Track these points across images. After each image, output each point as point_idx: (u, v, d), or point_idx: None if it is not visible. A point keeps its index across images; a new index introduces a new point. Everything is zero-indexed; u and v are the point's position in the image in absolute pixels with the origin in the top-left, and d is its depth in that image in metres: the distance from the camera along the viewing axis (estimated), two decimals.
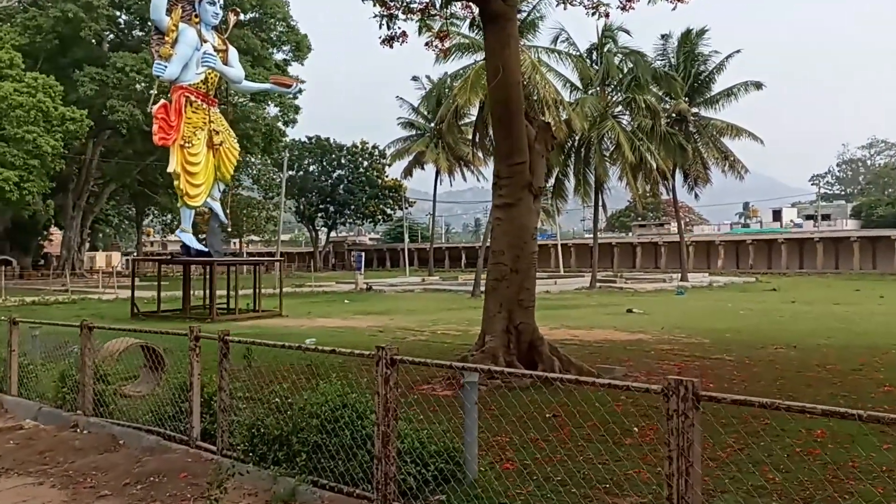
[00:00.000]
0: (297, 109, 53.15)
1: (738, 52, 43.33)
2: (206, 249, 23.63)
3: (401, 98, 59.32)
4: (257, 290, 24.63)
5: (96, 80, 39.59)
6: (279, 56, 50.16)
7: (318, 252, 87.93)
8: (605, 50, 37.32)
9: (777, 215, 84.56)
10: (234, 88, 25.81)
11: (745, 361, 12.48)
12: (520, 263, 10.25)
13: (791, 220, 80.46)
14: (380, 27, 14.53)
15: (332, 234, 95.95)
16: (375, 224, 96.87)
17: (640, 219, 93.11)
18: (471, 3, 12.87)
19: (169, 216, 69.39)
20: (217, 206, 24.15)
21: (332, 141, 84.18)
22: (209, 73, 22.77)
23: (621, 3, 13.81)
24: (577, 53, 36.08)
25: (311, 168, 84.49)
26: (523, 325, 10.20)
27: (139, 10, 42.10)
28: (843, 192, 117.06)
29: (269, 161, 62.74)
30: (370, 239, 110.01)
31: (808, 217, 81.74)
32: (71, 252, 51.52)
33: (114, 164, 49.40)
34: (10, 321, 9.78)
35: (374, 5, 14.26)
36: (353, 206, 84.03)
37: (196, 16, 22.59)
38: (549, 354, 10.13)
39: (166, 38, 21.45)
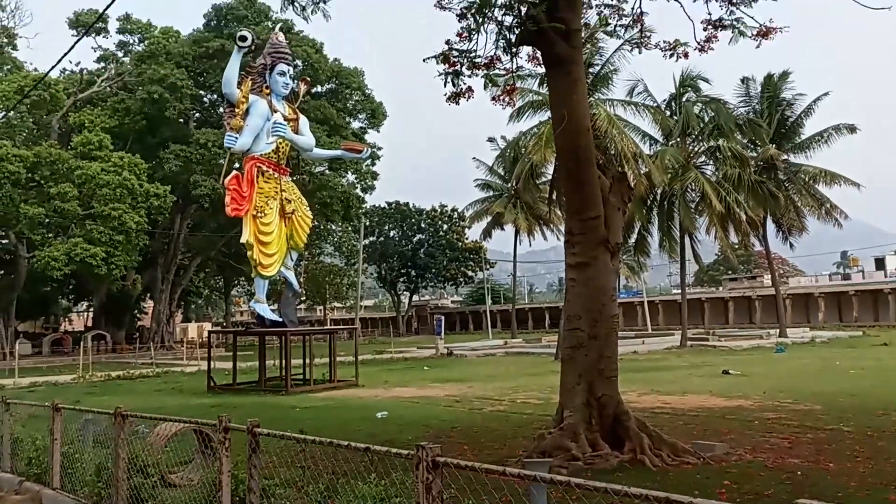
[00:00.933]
0: (374, 176, 53.65)
1: (826, 94, 41.28)
2: (281, 319, 23.29)
3: (477, 159, 59.30)
4: (333, 360, 24.04)
5: (181, 157, 40.87)
6: (356, 124, 50.92)
7: (400, 317, 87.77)
8: (684, 99, 36.14)
9: (880, 263, 79.50)
10: (305, 157, 25.83)
11: (867, 433, 10.90)
12: (598, 329, 9.21)
13: None
14: (444, 84, 14.04)
15: (415, 298, 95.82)
16: (457, 287, 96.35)
17: (730, 272, 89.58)
18: (535, 49, 12.16)
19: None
20: (291, 276, 23.90)
21: (411, 205, 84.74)
22: (280, 143, 22.79)
23: (699, 43, 12.86)
24: (655, 104, 35.02)
25: (391, 233, 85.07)
26: (606, 398, 9.09)
27: (221, 89, 43.55)
28: None
29: (349, 228, 63.30)
30: (452, 302, 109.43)
31: None
32: (160, 324, 52.69)
33: (200, 237, 50.64)
34: (52, 407, 9.27)
35: (438, 63, 13.80)
36: (434, 270, 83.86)
37: (267, 87, 22.77)
38: (636, 430, 8.96)
39: (237, 110, 21.61)
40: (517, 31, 12.58)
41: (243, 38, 21.52)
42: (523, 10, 12.70)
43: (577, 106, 9.04)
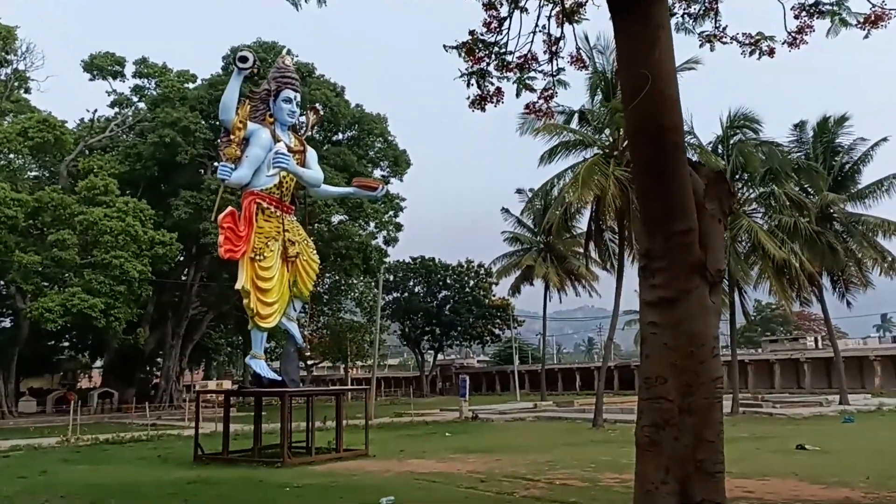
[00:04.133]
0: (398, 227, 50.99)
1: (885, 139, 38.15)
2: (281, 378, 20.26)
3: (506, 210, 56.50)
4: (339, 427, 20.88)
5: (191, 204, 38.59)
6: (378, 173, 48.52)
7: (424, 376, 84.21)
8: (732, 142, 33.22)
9: None
10: (312, 193, 23.09)
11: None
12: (695, 398, 6.13)
13: None
14: (468, 86, 11.28)
15: (440, 356, 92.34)
16: (483, 345, 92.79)
17: (768, 333, 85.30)
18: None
19: (273, 343, 67.76)
20: (293, 328, 20.94)
21: (437, 261, 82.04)
22: (284, 177, 20.13)
23: (790, 36, 10.00)
24: (699, 144, 32.09)
25: (415, 289, 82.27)
26: None
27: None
28: None
29: (371, 282, 60.54)
30: (478, 361, 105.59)
31: None
32: (170, 382, 49.85)
33: (213, 290, 48.07)
34: None
35: (460, 55, 11.06)
36: (459, 328, 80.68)
37: (270, 115, 20.24)
38: None
39: (232, 137, 19.03)
40: None
41: (243, 60, 19.03)
42: None
43: (660, 65, 6.14)
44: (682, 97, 6.46)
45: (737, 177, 33.51)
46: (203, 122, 40.85)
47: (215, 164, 46.30)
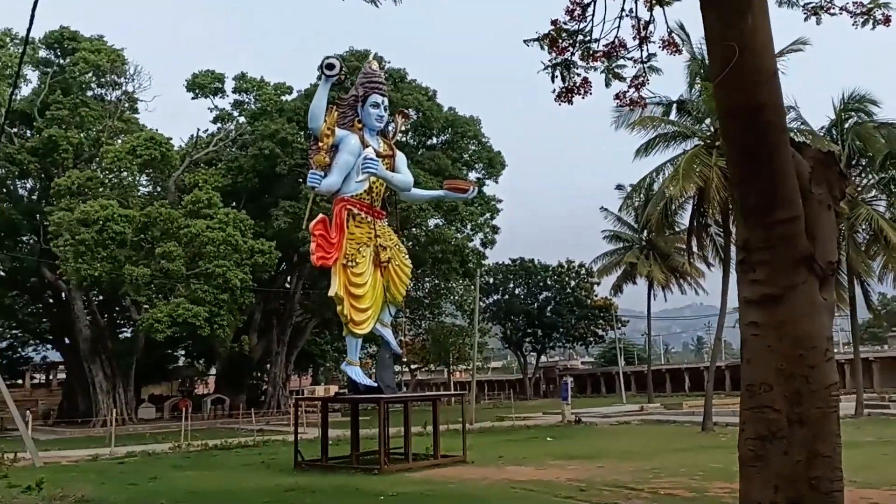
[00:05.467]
0: (495, 229, 50.48)
1: None
2: (377, 384, 20.18)
3: (605, 209, 55.19)
4: (436, 434, 20.62)
5: (290, 213, 39.37)
6: (473, 175, 48.22)
7: (527, 379, 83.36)
8: (847, 126, 31.09)
9: None
10: (403, 197, 22.95)
11: None
12: (806, 408, 5.43)
13: None
14: (552, 80, 10.71)
15: (543, 358, 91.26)
16: (587, 346, 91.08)
17: (894, 328, 79.92)
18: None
19: (374, 347, 68.58)
20: (388, 334, 20.82)
21: (536, 262, 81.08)
22: (374, 183, 20.06)
23: None
24: (810, 130, 30.14)
25: (516, 291, 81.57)
26: None
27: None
28: None
29: (470, 286, 60.31)
30: (582, 363, 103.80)
31: None
32: (276, 388, 51.08)
33: (315, 297, 48.98)
34: None
35: (543, 47, 10.52)
36: (561, 329, 79.49)
37: (359, 121, 20.20)
38: None
39: (320, 144, 19.09)
40: None
41: (330, 67, 19.03)
42: None
43: (753, 35, 5.47)
44: (789, 82, 5.79)
45: (853, 162, 31.37)
46: (300, 133, 41.66)
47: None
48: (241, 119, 47.42)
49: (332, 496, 14.83)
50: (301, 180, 43.61)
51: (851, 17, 9.43)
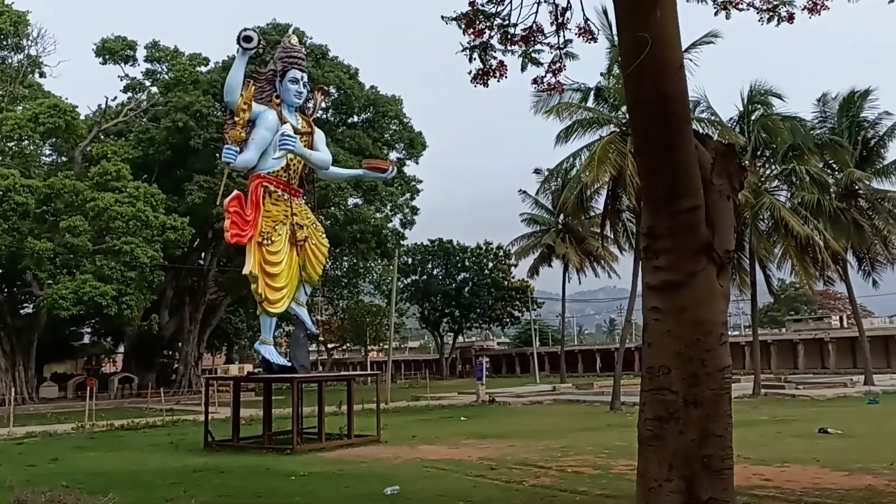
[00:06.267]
0: (414, 210, 50.44)
1: None
2: (290, 364, 20.00)
3: (524, 192, 55.92)
4: (350, 413, 20.61)
5: (204, 188, 38.32)
6: (393, 155, 47.99)
7: (443, 359, 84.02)
8: (753, 118, 32.36)
9: None
10: (321, 176, 22.71)
11: None
12: (700, 389, 5.68)
13: None
14: (470, 61, 10.77)
15: (460, 339, 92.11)
16: (503, 328, 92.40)
17: (792, 312, 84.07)
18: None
19: (290, 326, 67.81)
20: (303, 313, 20.64)
21: (455, 243, 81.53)
22: (292, 160, 19.74)
23: (810, 2, 9.45)
24: (719, 121, 31.22)
25: (434, 272, 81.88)
26: None
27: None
28: None
29: (389, 266, 60.20)
30: (499, 343, 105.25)
31: None
32: (188, 367, 49.93)
33: (229, 274, 47.98)
34: None
35: (459, 27, 10.55)
36: (479, 310, 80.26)
37: (277, 96, 19.83)
38: None
39: (237, 119, 18.63)
40: None
41: (248, 39, 18.54)
42: None
43: (662, 28, 5.63)
44: (700, 73, 5.98)
45: (759, 153, 32.70)
46: (217, 106, 40.48)
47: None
48: (154, 89, 45.74)
49: (242, 476, 14.63)
50: (217, 155, 42.43)
51: (758, 12, 9.84)
